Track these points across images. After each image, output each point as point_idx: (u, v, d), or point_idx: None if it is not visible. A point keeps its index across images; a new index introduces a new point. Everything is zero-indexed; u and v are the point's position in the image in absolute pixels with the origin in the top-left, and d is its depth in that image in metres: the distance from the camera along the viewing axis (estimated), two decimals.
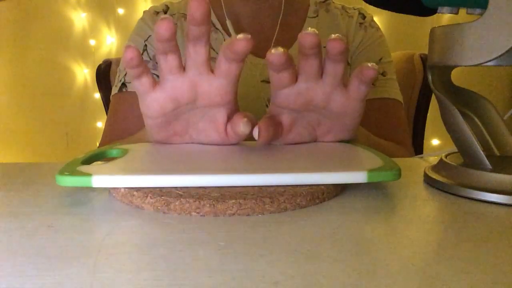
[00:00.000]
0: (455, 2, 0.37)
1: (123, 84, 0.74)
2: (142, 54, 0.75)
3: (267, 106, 0.72)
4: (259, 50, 0.76)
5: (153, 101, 0.40)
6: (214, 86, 0.39)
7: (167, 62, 0.38)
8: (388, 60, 0.78)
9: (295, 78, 0.40)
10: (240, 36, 0.35)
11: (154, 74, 0.74)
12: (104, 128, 0.78)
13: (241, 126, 0.39)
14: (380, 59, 0.77)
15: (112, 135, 0.73)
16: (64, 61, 2.09)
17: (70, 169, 0.34)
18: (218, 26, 0.76)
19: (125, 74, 0.75)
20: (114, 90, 0.76)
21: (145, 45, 0.75)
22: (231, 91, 0.40)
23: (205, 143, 0.43)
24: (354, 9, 0.81)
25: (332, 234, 0.26)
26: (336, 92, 0.41)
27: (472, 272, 0.22)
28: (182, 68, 0.39)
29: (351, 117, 0.43)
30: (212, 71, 0.39)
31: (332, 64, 0.39)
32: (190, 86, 0.39)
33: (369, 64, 0.38)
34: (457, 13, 0.38)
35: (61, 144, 2.16)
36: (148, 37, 0.76)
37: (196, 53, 0.38)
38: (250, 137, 0.40)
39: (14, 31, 2.08)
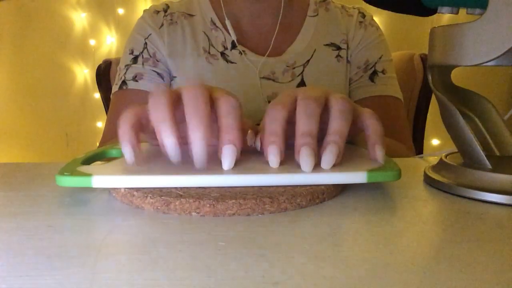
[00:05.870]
0: (455, 2, 0.37)
1: (124, 82, 0.74)
2: (143, 52, 0.75)
3: (269, 101, 0.72)
4: (258, 47, 0.76)
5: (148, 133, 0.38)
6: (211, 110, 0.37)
7: None
8: (388, 58, 0.79)
9: (294, 106, 0.37)
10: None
11: (155, 71, 0.74)
12: (105, 126, 0.78)
13: (247, 140, 0.38)
14: (380, 57, 0.77)
15: (113, 133, 0.73)
16: (64, 61, 2.09)
17: (70, 170, 0.34)
18: (219, 24, 0.76)
19: (126, 72, 0.75)
20: (115, 88, 0.76)
21: (145, 43, 0.76)
22: None
23: None
24: (354, 8, 0.81)
25: (332, 234, 0.26)
26: None
27: (472, 272, 0.22)
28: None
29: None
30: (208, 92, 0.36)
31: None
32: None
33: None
34: (457, 13, 0.38)
35: (61, 144, 2.16)
36: (149, 35, 0.76)
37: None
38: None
39: (14, 31, 2.08)
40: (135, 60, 0.75)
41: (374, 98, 0.75)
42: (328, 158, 0.34)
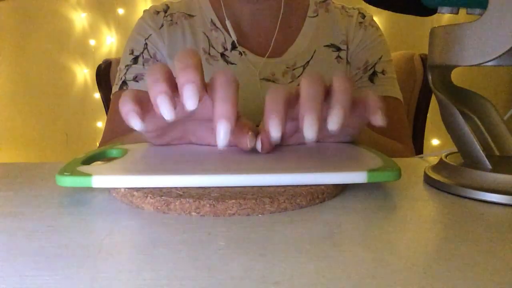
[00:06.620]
0: (455, 2, 0.37)
1: (124, 82, 0.74)
2: (143, 52, 0.75)
3: None
4: (259, 49, 0.76)
5: (147, 122, 0.37)
6: (210, 107, 0.36)
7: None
8: (388, 59, 0.79)
9: (295, 101, 0.37)
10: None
11: None
12: (105, 126, 0.78)
13: (248, 142, 0.38)
14: (380, 57, 0.77)
15: (113, 133, 0.73)
16: (64, 61, 2.09)
17: (70, 169, 0.34)
18: (219, 25, 0.76)
19: (126, 73, 0.75)
20: (115, 89, 0.76)
21: (146, 44, 0.76)
22: None
23: (205, 145, 0.43)
24: (354, 8, 0.81)
25: (332, 234, 0.26)
26: None
27: (472, 272, 0.22)
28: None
29: (355, 128, 0.43)
30: (207, 88, 0.36)
31: (338, 94, 0.36)
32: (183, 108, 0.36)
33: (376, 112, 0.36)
34: (457, 13, 0.38)
35: (61, 144, 2.16)
36: (149, 36, 0.76)
37: None
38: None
39: (14, 31, 2.08)
40: (135, 60, 0.75)
41: None
42: (335, 118, 0.34)
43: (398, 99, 0.77)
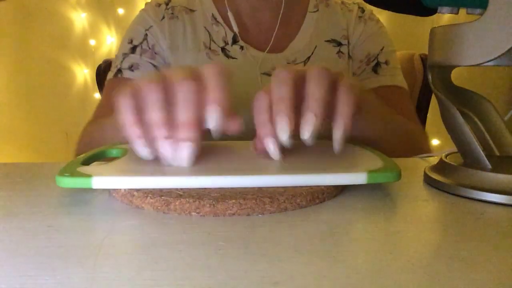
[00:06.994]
0: (455, 2, 0.37)
1: (119, 70, 0.75)
2: (142, 42, 0.75)
3: None
4: (259, 43, 0.76)
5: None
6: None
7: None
8: (390, 49, 0.78)
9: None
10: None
11: (151, 63, 0.74)
12: (95, 110, 0.78)
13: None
14: (382, 48, 0.77)
15: (104, 115, 0.73)
16: (64, 61, 2.09)
17: (70, 170, 0.34)
18: (219, 19, 0.76)
19: (122, 61, 0.75)
20: (110, 75, 0.76)
21: (146, 34, 0.76)
22: None
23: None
24: (354, 3, 0.81)
25: (332, 234, 0.26)
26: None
27: (472, 272, 0.22)
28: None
29: None
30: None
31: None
32: None
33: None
34: (457, 13, 0.38)
35: (61, 144, 2.16)
36: (150, 27, 0.76)
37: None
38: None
39: (14, 31, 2.08)
40: (133, 50, 0.75)
41: (378, 89, 0.74)
42: (306, 128, 0.36)
43: (403, 88, 0.77)
